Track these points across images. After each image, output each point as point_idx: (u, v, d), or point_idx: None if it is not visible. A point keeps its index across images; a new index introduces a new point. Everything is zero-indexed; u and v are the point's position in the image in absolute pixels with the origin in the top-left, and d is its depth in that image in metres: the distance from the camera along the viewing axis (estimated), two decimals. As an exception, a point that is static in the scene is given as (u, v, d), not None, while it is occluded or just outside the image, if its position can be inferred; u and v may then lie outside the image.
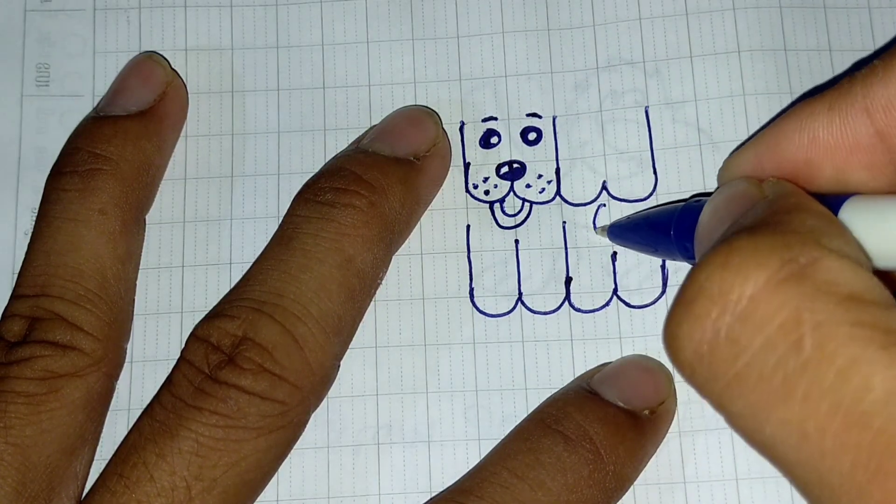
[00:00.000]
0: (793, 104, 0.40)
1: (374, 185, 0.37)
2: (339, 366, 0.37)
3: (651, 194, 0.41)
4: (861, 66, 0.31)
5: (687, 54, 0.42)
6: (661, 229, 0.36)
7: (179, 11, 0.43)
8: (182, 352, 0.36)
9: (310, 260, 0.36)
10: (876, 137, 0.30)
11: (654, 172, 0.41)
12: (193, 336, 0.36)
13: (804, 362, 0.24)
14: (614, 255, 0.40)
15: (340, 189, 0.37)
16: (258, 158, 0.42)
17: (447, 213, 0.41)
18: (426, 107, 0.42)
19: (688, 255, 0.35)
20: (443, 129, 0.41)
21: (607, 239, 0.40)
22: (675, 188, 0.41)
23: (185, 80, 0.42)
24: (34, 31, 0.43)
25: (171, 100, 0.40)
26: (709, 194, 0.33)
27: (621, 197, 0.41)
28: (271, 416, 0.34)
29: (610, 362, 0.39)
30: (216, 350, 0.35)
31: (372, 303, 0.39)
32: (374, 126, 0.40)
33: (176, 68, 0.42)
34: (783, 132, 0.31)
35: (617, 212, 0.40)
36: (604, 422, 0.36)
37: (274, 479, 0.37)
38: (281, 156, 0.42)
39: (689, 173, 0.41)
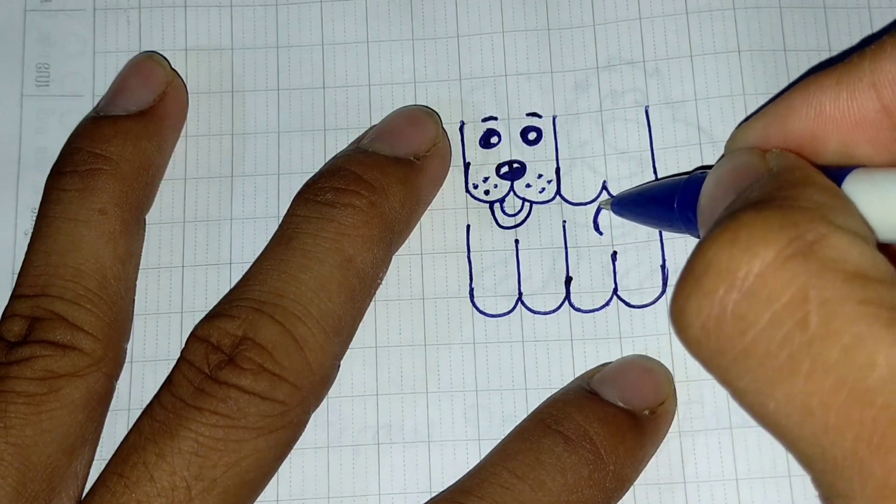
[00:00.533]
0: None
1: (374, 184, 0.37)
2: (339, 366, 0.37)
3: (651, 194, 0.41)
4: (870, 43, 0.31)
5: (687, 54, 0.42)
6: (665, 202, 0.36)
7: (179, 11, 0.43)
8: (182, 352, 0.36)
9: (310, 260, 0.36)
10: (882, 113, 0.30)
11: (655, 172, 0.41)
12: (193, 336, 0.36)
13: (810, 339, 0.24)
14: (614, 254, 0.40)
15: (340, 189, 0.37)
16: (258, 158, 0.42)
17: (447, 213, 0.41)
18: (426, 106, 0.42)
19: (690, 226, 0.35)
20: (443, 128, 0.41)
21: (611, 212, 0.40)
22: (675, 188, 0.40)
23: (185, 80, 0.42)
24: (34, 31, 0.43)
25: (171, 99, 0.40)
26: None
27: (621, 196, 0.41)
28: (271, 416, 0.34)
29: (610, 362, 0.39)
30: (216, 350, 0.35)
31: (372, 303, 0.39)
32: (374, 126, 0.40)
33: (176, 68, 0.42)
34: (791, 105, 0.32)
35: (617, 211, 0.41)
36: (604, 422, 0.36)
37: (274, 479, 0.37)
38: (281, 156, 0.42)
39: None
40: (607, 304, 0.40)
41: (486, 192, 0.41)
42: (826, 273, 0.24)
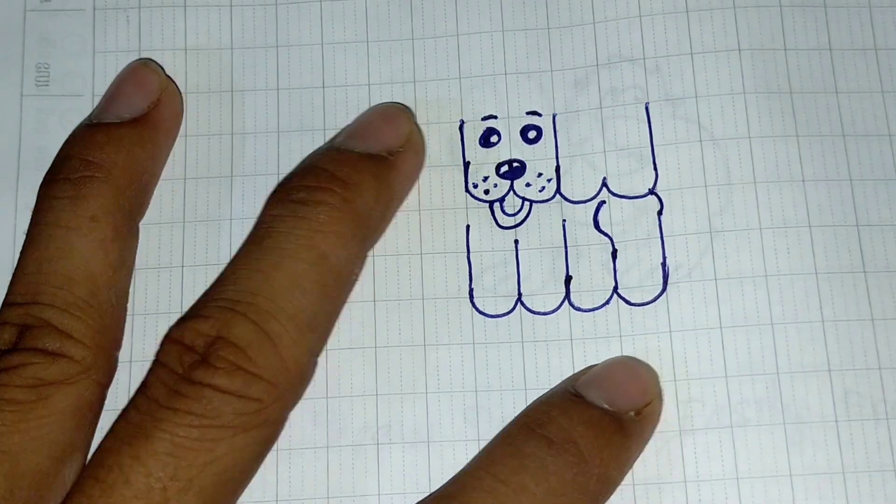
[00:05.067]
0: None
1: (347, 181, 0.36)
2: (316, 363, 0.36)
3: (652, 190, 0.40)
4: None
5: (687, 51, 0.41)
6: None
7: (179, 11, 0.42)
8: (156, 354, 0.35)
9: (283, 258, 0.35)
10: None
11: (655, 168, 0.40)
12: (167, 338, 0.35)
13: None
14: (614, 252, 0.39)
15: (313, 187, 0.36)
16: (258, 158, 0.41)
17: (447, 212, 0.40)
18: (399, 103, 0.41)
19: None
20: (416, 124, 0.40)
21: None
22: (675, 184, 0.40)
23: (184, 80, 0.41)
24: (34, 31, 0.42)
25: (166, 106, 0.40)
26: None
27: (621, 193, 0.40)
28: (247, 413, 0.34)
29: (596, 364, 0.38)
30: (190, 350, 0.34)
31: (372, 303, 0.39)
32: (348, 125, 0.40)
33: (175, 68, 0.41)
34: None
35: (617, 208, 0.40)
36: (588, 425, 0.35)
37: (273, 478, 0.37)
38: (280, 156, 0.41)
39: (689, 169, 0.40)
40: (607, 302, 0.39)
41: (486, 192, 0.40)
42: None
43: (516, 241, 0.40)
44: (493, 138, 0.41)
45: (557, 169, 0.40)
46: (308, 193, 0.36)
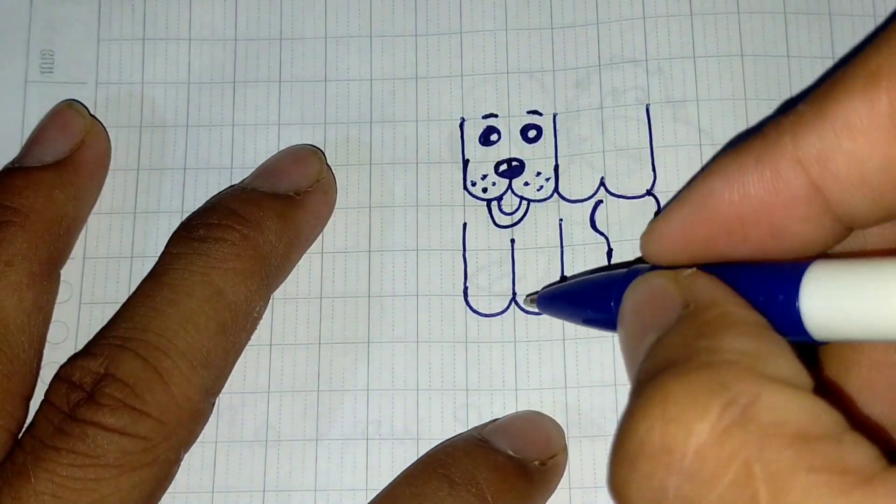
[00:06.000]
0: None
1: (248, 218, 0.36)
2: (213, 402, 0.36)
3: (649, 191, 0.39)
4: (786, 109, 0.28)
5: (690, 54, 0.40)
6: (600, 297, 0.32)
7: (184, 1, 0.42)
8: (45, 394, 0.34)
9: (177, 294, 0.34)
10: (812, 189, 0.27)
11: (653, 169, 0.39)
12: (56, 377, 0.34)
13: None
14: (609, 252, 0.39)
15: (213, 224, 0.36)
16: (258, 150, 0.40)
17: (444, 209, 0.39)
18: (311, 145, 0.40)
19: None
20: (328, 166, 0.39)
21: (536, 308, 0.37)
22: (673, 185, 0.39)
23: (187, 70, 0.41)
24: (40, 18, 0.41)
25: (89, 148, 0.38)
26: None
27: (619, 193, 0.39)
28: (134, 452, 0.32)
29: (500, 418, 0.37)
30: (77, 388, 0.33)
31: (366, 298, 0.38)
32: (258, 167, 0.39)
33: (179, 57, 0.41)
34: (710, 190, 0.28)
35: (614, 208, 0.39)
36: (492, 468, 0.34)
37: (261, 467, 0.37)
38: (281, 148, 0.40)
39: (687, 171, 0.39)
40: (601, 302, 0.39)
41: (484, 190, 0.40)
42: (767, 441, 0.22)
43: (512, 241, 0.39)
44: (493, 137, 0.40)
45: (556, 168, 0.40)
46: (207, 230, 0.35)
